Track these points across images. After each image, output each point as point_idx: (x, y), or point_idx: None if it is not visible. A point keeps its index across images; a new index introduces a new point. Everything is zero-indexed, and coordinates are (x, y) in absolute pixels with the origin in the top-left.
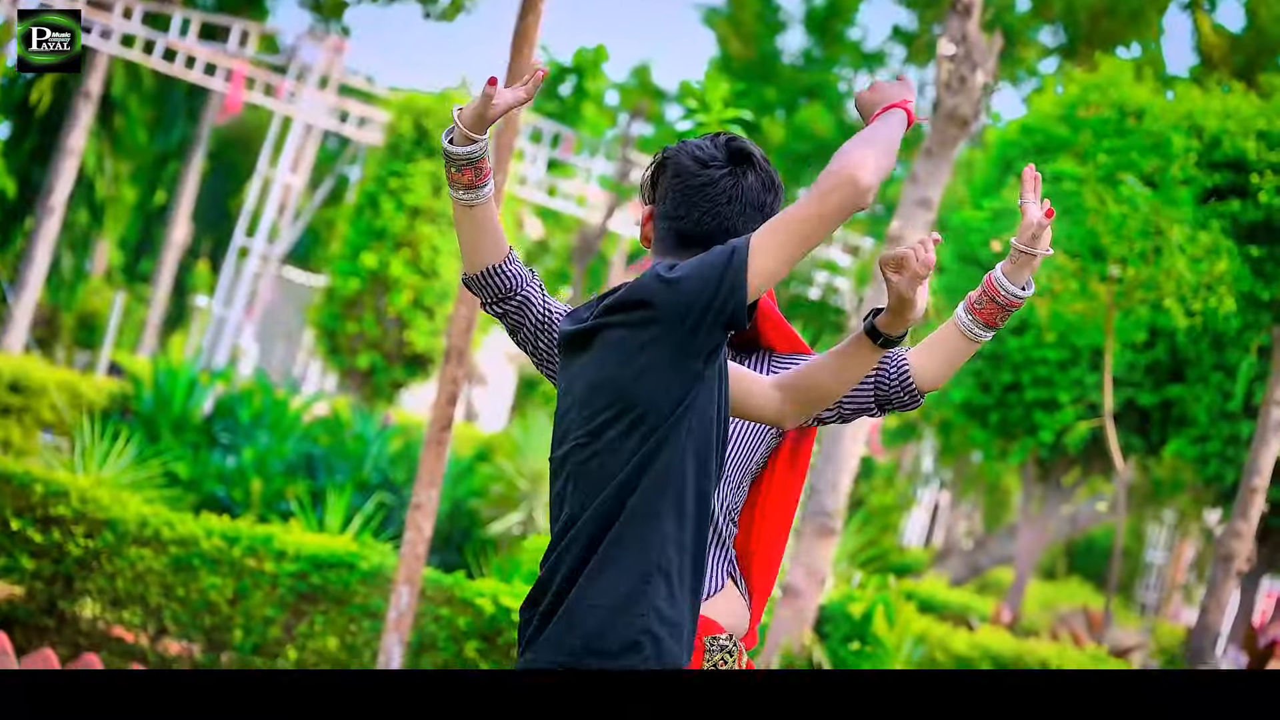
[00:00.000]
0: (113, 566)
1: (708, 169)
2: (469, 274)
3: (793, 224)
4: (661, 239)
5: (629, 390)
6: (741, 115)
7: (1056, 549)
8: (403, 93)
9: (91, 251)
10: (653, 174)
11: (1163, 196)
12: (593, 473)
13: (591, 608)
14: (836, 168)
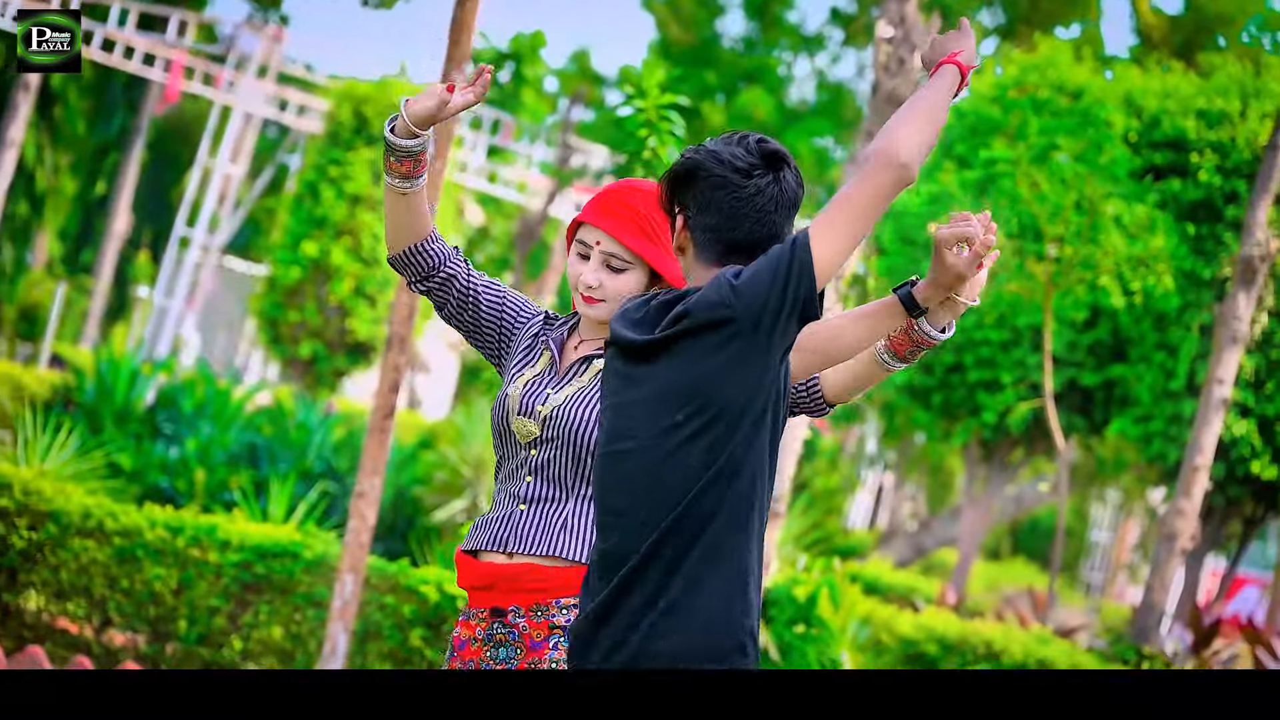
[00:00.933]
0: (56, 558)
1: (752, 178)
2: (393, 253)
3: (846, 209)
4: (705, 248)
5: (711, 394)
6: (679, 101)
7: (1001, 530)
8: (342, 80)
9: (32, 243)
10: (677, 182)
11: (1093, 169)
12: (668, 474)
13: (698, 611)
14: (879, 148)
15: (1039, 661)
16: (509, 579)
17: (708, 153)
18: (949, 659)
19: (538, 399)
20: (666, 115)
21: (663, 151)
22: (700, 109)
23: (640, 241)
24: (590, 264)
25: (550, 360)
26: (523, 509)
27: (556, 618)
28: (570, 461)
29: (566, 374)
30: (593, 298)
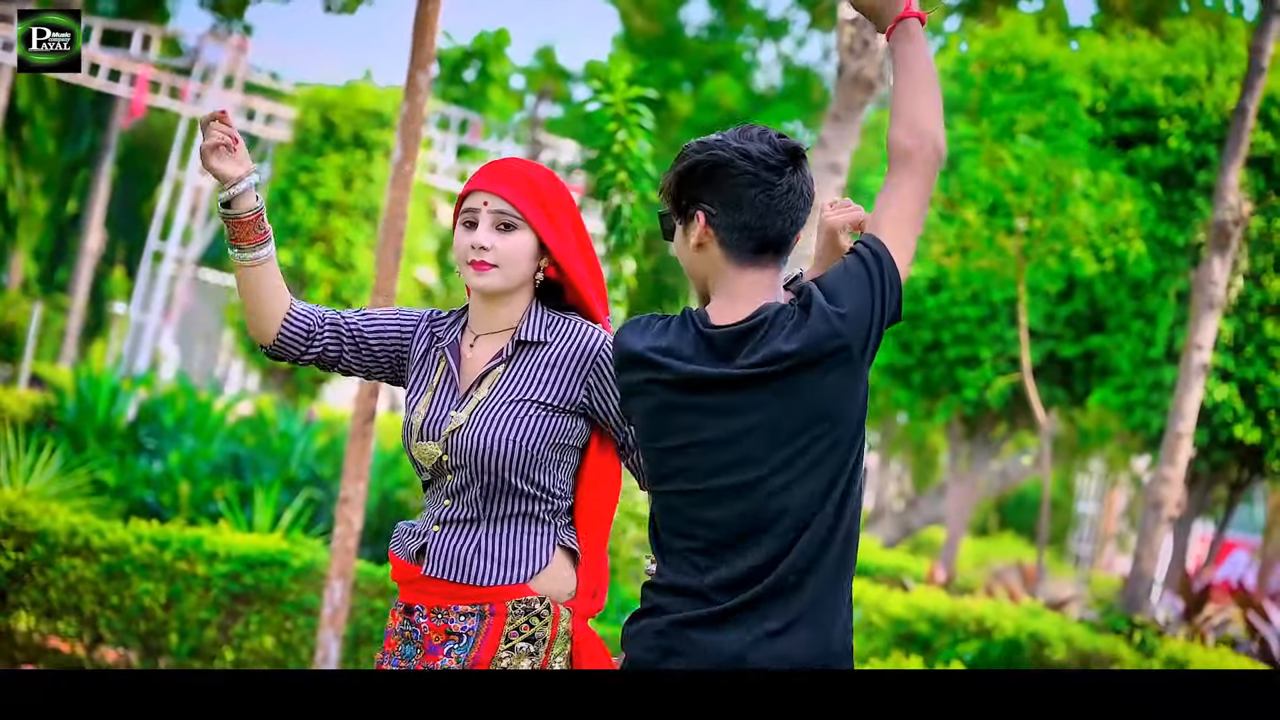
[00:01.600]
0: (45, 578)
1: (784, 176)
2: (266, 340)
3: (908, 208)
4: (737, 247)
5: (831, 416)
6: (646, 93)
7: (987, 505)
8: (308, 88)
9: (6, 264)
10: (694, 179)
11: (1055, 146)
12: (795, 498)
13: (826, 623)
14: (919, 143)
15: (1030, 635)
16: (419, 580)
17: (735, 150)
18: (941, 637)
19: (441, 422)
20: (635, 108)
21: (632, 144)
22: (667, 99)
23: (530, 203)
24: (479, 226)
25: (447, 371)
26: (437, 530)
27: (454, 623)
28: (482, 489)
29: (469, 390)
30: (484, 262)
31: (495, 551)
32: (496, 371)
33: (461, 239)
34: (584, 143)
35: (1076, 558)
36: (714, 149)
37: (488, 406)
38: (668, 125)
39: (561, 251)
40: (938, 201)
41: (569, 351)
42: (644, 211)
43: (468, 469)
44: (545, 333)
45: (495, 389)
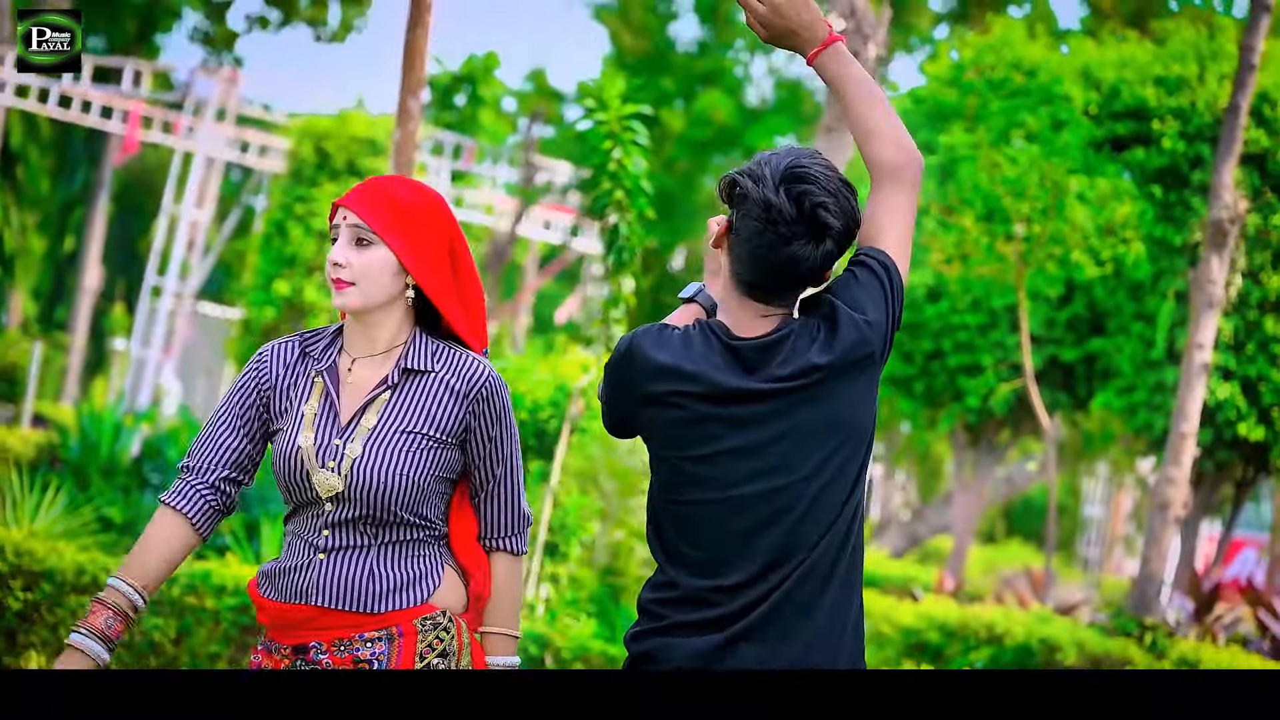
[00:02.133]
0: (54, 617)
1: (792, 244)
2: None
3: (905, 219)
4: (736, 274)
5: (855, 422)
6: (641, 110)
7: (994, 512)
8: (301, 118)
9: (5, 304)
10: (736, 195)
11: (1049, 150)
12: (821, 504)
13: (851, 618)
14: (911, 161)
15: (1041, 641)
16: (307, 620)
17: (762, 197)
18: (951, 645)
19: (328, 452)
20: (629, 125)
21: (628, 161)
22: (660, 116)
23: (386, 219)
24: (338, 243)
25: (325, 395)
26: (321, 559)
27: (360, 651)
28: (371, 521)
29: (352, 419)
30: (342, 280)
31: (390, 576)
32: (383, 399)
33: (327, 256)
34: (578, 163)
35: (1085, 562)
36: (755, 181)
37: (381, 438)
38: (661, 141)
39: (420, 271)
40: (935, 209)
41: (451, 383)
42: (641, 229)
43: (360, 503)
44: (430, 361)
45: (383, 418)
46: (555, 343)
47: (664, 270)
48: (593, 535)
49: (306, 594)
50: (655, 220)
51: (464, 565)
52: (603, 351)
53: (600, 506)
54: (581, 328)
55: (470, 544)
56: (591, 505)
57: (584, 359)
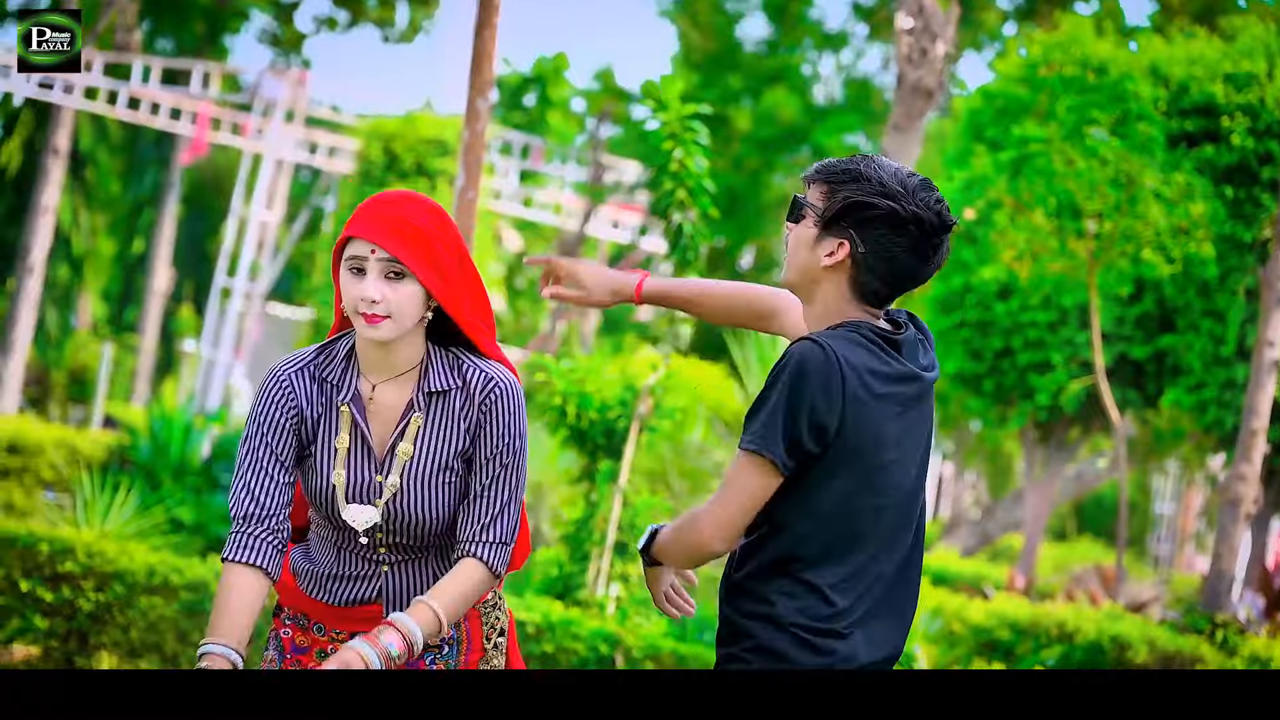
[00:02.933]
0: (125, 618)
1: (939, 251)
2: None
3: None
4: (862, 289)
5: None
6: (701, 109)
7: (1064, 510)
8: (369, 119)
9: (75, 306)
10: (865, 218)
11: (1130, 144)
12: (920, 498)
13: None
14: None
15: (1112, 638)
16: (374, 616)
17: (911, 214)
18: (1022, 643)
19: (368, 489)
20: (690, 125)
21: (689, 161)
22: (727, 114)
23: (416, 255)
24: (368, 275)
25: (355, 428)
26: (385, 570)
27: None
28: (424, 536)
29: (388, 450)
30: (376, 315)
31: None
32: (415, 424)
33: (350, 288)
34: (644, 162)
35: (1155, 559)
36: (893, 199)
37: (418, 472)
38: (728, 140)
39: (447, 298)
40: (1008, 205)
41: (464, 402)
42: (705, 228)
43: (400, 533)
44: (449, 379)
45: (419, 447)
46: (624, 342)
47: (732, 268)
48: None
49: (374, 602)
50: (722, 219)
51: None
52: (670, 350)
53: (669, 506)
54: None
55: None
56: (661, 504)
57: (652, 357)
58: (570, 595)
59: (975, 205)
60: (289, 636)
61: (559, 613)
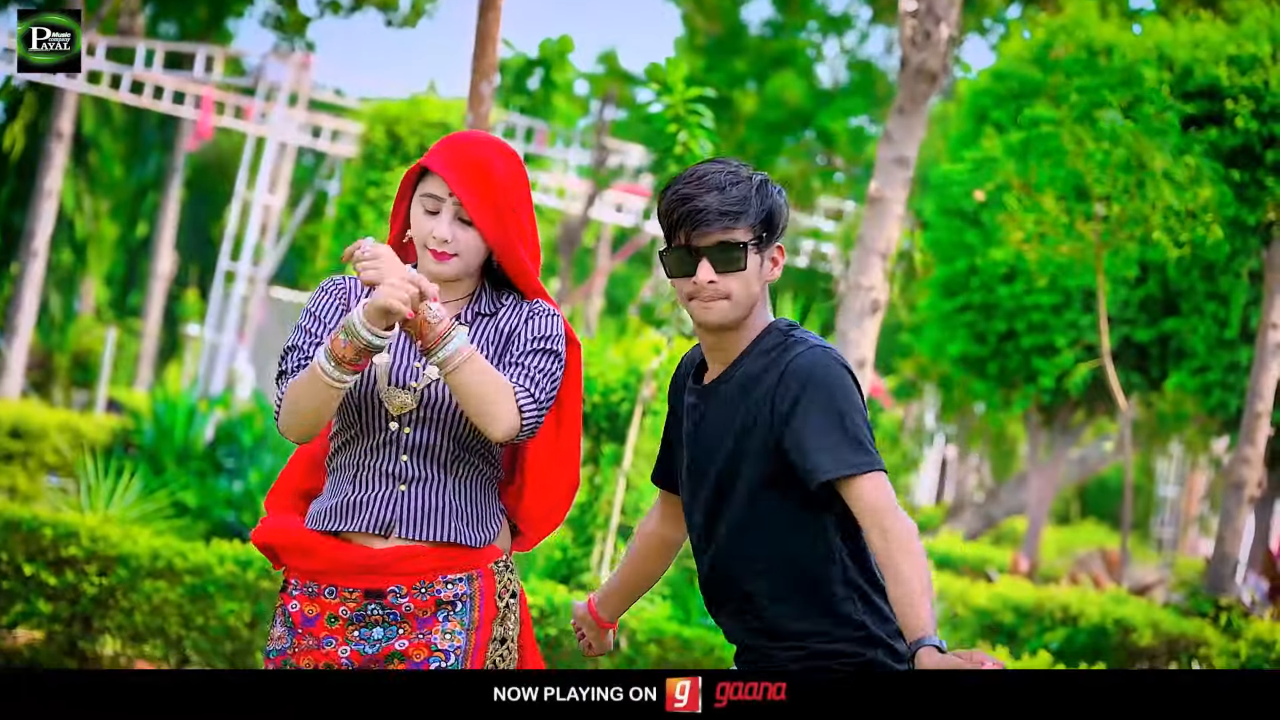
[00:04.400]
0: (129, 602)
1: None
2: (303, 436)
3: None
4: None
5: None
6: (705, 93)
7: (1068, 493)
8: (372, 102)
9: (79, 291)
10: (785, 219)
11: (1143, 127)
12: None
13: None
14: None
15: (1116, 621)
16: (388, 562)
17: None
18: (1026, 626)
19: (408, 372)
20: (694, 109)
21: (694, 145)
22: (732, 98)
23: (484, 208)
24: (443, 217)
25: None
26: (403, 489)
27: (442, 593)
28: (450, 442)
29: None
30: (446, 253)
31: (467, 509)
32: (461, 330)
33: (424, 223)
34: (649, 145)
35: (1159, 542)
36: (778, 189)
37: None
38: (733, 124)
39: (503, 248)
40: (1016, 187)
41: (507, 320)
42: None
43: (435, 423)
44: (496, 304)
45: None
46: (628, 324)
47: None
48: None
49: (385, 525)
50: None
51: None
52: (674, 334)
53: None
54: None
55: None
56: None
57: (656, 341)
58: (574, 579)
59: (984, 187)
60: (298, 610)
61: (562, 596)
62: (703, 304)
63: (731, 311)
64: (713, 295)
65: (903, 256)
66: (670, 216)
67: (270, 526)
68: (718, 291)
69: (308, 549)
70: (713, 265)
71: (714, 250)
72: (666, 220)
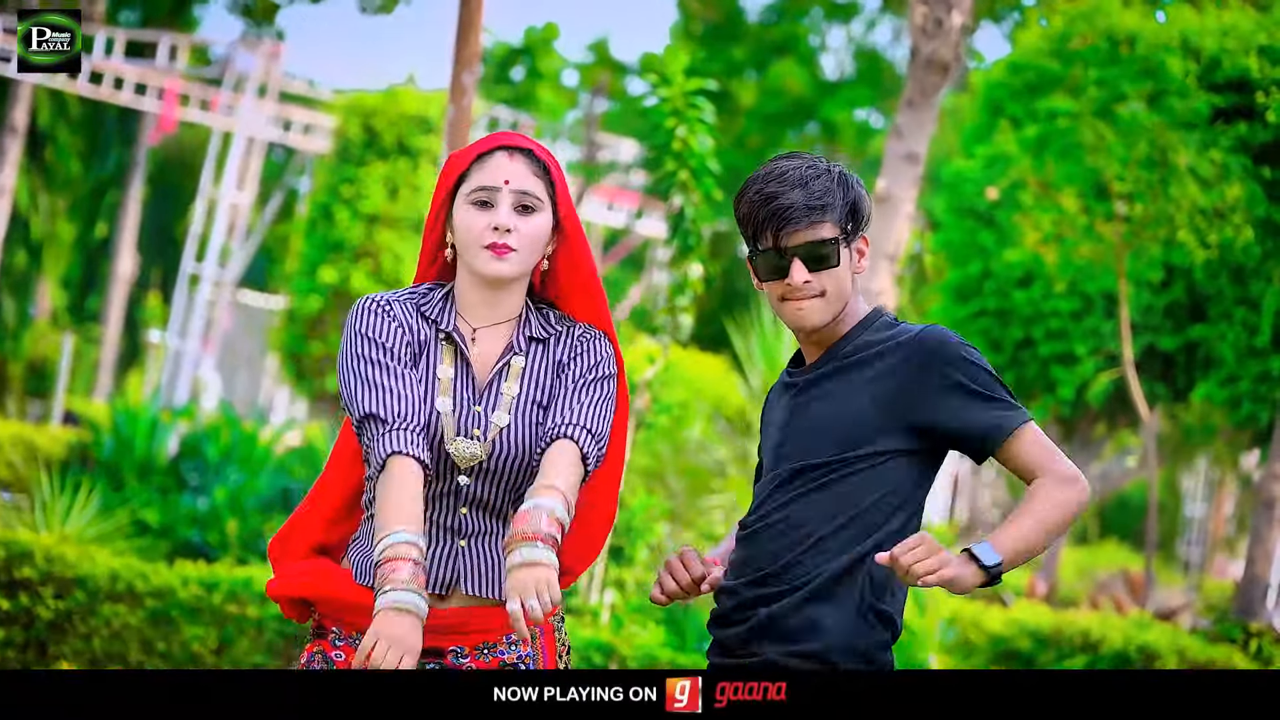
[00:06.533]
0: (87, 626)
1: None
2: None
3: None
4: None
5: None
6: (706, 85)
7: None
8: (347, 94)
9: (33, 294)
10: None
11: (1168, 120)
12: None
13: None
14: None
15: (1139, 648)
16: (454, 624)
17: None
18: (1044, 654)
19: (471, 419)
20: (694, 102)
21: (692, 140)
22: (730, 88)
23: (545, 185)
24: (500, 208)
25: (457, 356)
26: (463, 545)
27: (506, 654)
28: (510, 494)
29: (491, 383)
30: (506, 245)
31: None
32: (517, 365)
33: (477, 220)
34: (642, 139)
35: (1185, 564)
36: (858, 182)
37: (526, 408)
38: (732, 115)
39: (573, 229)
40: (1032, 184)
41: (562, 349)
42: (709, 211)
43: (501, 475)
44: (549, 328)
45: (525, 386)
46: (620, 332)
47: (734, 255)
48: (660, 537)
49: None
50: (724, 200)
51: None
52: (669, 341)
53: (668, 507)
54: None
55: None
56: (659, 505)
57: (651, 349)
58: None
59: (998, 185)
60: (343, 661)
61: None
62: (796, 304)
63: (827, 309)
64: (806, 294)
65: (912, 259)
66: (755, 218)
67: (305, 579)
68: (812, 289)
69: (365, 608)
70: (805, 264)
71: (805, 249)
72: (751, 223)
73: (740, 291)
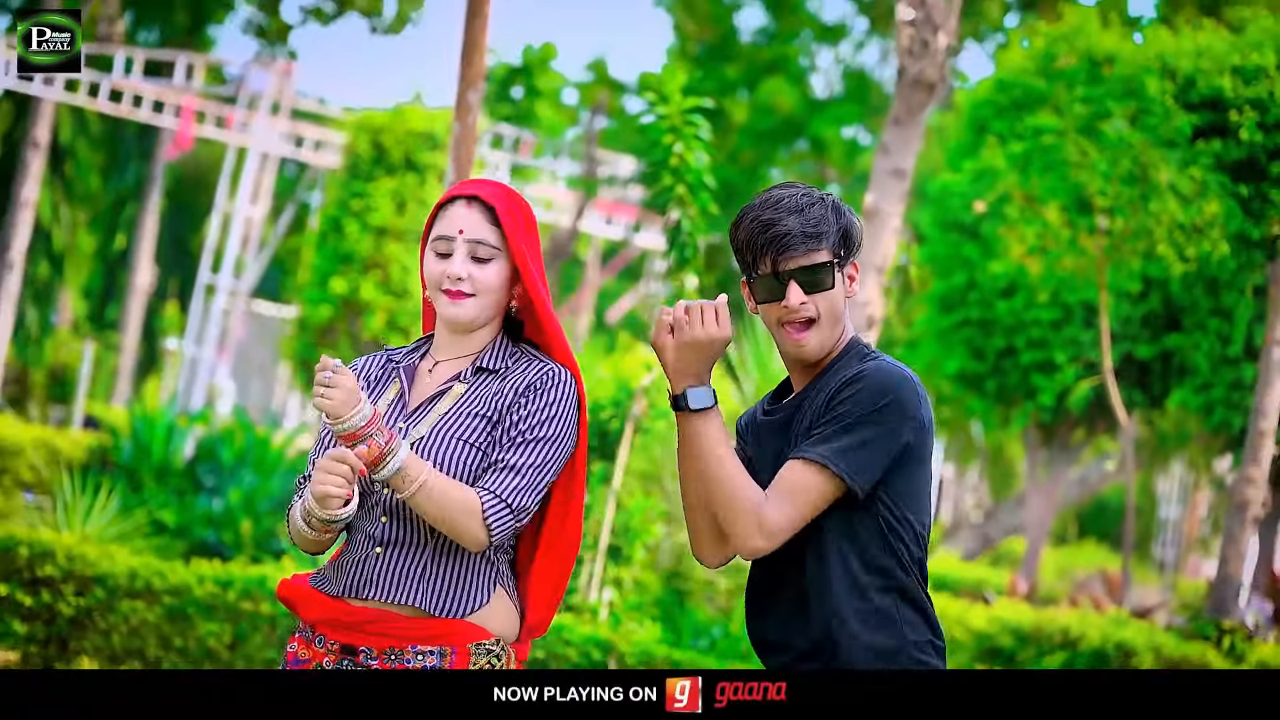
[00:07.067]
0: (107, 623)
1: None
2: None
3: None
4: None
5: None
6: (702, 103)
7: (1067, 513)
8: (356, 112)
9: (55, 304)
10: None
11: (1150, 137)
12: None
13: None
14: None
15: (1117, 645)
16: (360, 622)
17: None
18: (1025, 650)
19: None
20: (691, 119)
21: (689, 156)
22: (723, 106)
23: (508, 224)
24: (455, 257)
25: (400, 390)
26: (379, 553)
27: (411, 663)
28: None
29: (421, 406)
30: (461, 291)
31: (443, 577)
32: (456, 390)
33: (435, 267)
34: (640, 156)
35: (1160, 564)
36: (847, 209)
37: (450, 420)
38: (725, 132)
39: (532, 279)
40: (1018, 198)
41: (510, 383)
42: (704, 225)
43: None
44: (505, 361)
45: (456, 405)
46: (617, 340)
47: (728, 267)
48: (657, 538)
49: (363, 588)
50: (719, 214)
51: (525, 593)
52: None
53: (664, 508)
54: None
55: (542, 575)
56: (655, 507)
57: (646, 357)
58: (563, 600)
59: (985, 199)
60: (293, 651)
61: (553, 619)
62: (796, 337)
63: (825, 337)
64: (803, 316)
65: (899, 271)
66: (754, 244)
67: (289, 580)
68: (808, 311)
69: (308, 598)
70: (801, 288)
71: (801, 273)
72: (750, 249)
73: (734, 302)
